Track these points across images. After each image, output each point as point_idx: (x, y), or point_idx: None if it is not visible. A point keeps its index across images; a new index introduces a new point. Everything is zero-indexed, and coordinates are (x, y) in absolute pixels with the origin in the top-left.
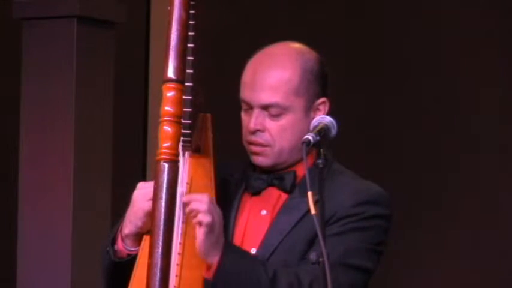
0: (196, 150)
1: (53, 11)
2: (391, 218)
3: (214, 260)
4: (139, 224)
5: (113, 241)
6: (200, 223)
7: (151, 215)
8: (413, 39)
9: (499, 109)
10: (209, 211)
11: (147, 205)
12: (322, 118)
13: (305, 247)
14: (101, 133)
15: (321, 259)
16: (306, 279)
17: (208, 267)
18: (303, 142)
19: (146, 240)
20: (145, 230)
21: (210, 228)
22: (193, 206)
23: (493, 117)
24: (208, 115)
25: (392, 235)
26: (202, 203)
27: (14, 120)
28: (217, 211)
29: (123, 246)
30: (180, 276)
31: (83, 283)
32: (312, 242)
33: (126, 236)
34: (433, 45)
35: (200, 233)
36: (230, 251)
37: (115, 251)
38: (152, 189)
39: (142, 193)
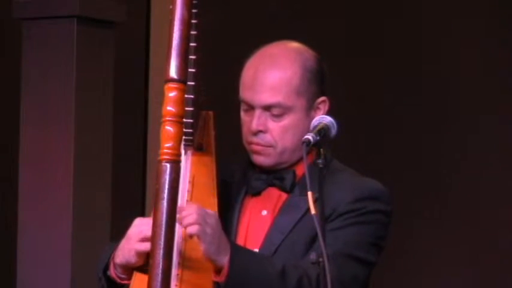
0: (199, 148)
1: (53, 11)
2: (391, 214)
3: (224, 262)
4: (131, 261)
5: (107, 266)
6: (193, 235)
7: (143, 254)
8: (413, 39)
9: (499, 109)
10: (197, 221)
11: (140, 246)
12: (322, 118)
13: (307, 245)
14: (101, 133)
15: (320, 259)
16: (314, 274)
17: (218, 271)
18: (303, 142)
19: (136, 276)
20: (136, 266)
21: (205, 235)
22: (183, 220)
23: (494, 117)
24: (211, 113)
25: (392, 235)
26: (190, 215)
27: (14, 120)
28: (210, 216)
29: (115, 274)
30: (181, 276)
31: (83, 283)
32: (313, 240)
33: (118, 265)
34: (432, 45)
35: (200, 242)
36: (237, 252)
37: (108, 277)
38: (148, 227)
39: (137, 232)
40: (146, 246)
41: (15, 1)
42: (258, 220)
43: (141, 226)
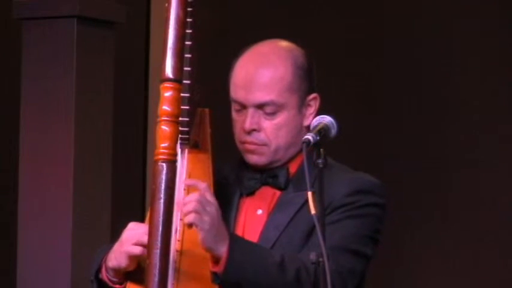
0: (195, 146)
1: (53, 11)
2: (386, 207)
3: (222, 252)
4: (123, 264)
5: (99, 268)
6: (192, 224)
7: (135, 258)
8: (413, 39)
9: (500, 109)
10: (196, 210)
11: (132, 250)
12: (322, 118)
13: (303, 240)
14: (101, 133)
15: (320, 259)
16: (312, 266)
17: (216, 261)
18: (303, 142)
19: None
20: (129, 269)
21: (203, 223)
22: (183, 208)
23: (494, 117)
24: (207, 110)
25: (392, 236)
26: (190, 203)
27: (14, 120)
28: (211, 203)
29: (107, 277)
30: (179, 274)
31: (83, 283)
32: (310, 234)
33: (110, 268)
34: (432, 44)
35: (198, 231)
36: (236, 241)
37: (99, 280)
38: (141, 231)
39: (131, 235)
40: (139, 250)
41: (15, 1)
42: (254, 220)
43: (134, 230)
